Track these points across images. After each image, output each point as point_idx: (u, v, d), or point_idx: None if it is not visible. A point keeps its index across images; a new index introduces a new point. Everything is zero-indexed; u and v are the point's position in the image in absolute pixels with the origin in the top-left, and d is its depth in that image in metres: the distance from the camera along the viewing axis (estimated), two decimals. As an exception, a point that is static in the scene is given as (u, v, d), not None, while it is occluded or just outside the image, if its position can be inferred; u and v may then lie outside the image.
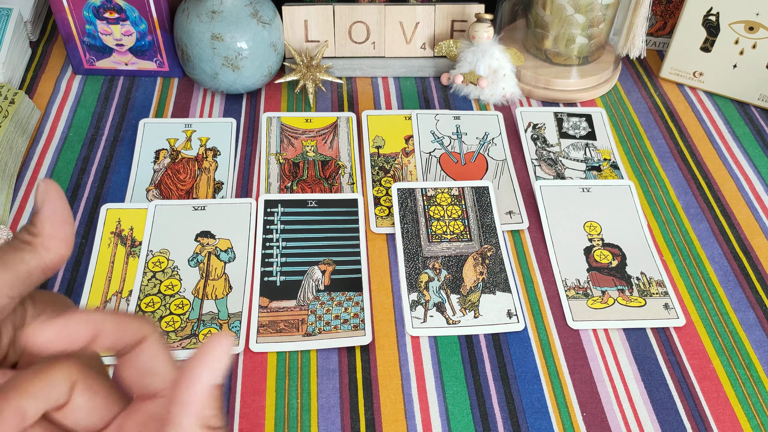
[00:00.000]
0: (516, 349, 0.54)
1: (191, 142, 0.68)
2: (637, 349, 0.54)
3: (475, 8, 0.74)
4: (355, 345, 0.53)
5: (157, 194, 0.63)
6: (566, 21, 0.72)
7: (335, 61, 0.76)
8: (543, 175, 0.67)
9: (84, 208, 0.62)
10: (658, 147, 0.71)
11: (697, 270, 0.60)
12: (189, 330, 0.53)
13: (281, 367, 0.52)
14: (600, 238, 0.61)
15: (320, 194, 0.63)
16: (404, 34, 0.76)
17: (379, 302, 0.56)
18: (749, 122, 0.74)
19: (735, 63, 0.74)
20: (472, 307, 0.56)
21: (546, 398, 0.51)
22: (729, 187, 0.67)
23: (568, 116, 0.73)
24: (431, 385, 0.51)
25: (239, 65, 0.68)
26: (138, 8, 0.70)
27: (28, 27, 0.77)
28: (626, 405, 0.50)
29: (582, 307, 0.56)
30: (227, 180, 0.65)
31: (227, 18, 0.66)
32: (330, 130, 0.70)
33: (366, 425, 0.49)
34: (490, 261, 0.59)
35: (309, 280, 0.57)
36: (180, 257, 0.57)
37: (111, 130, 0.69)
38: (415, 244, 0.59)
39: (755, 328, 0.55)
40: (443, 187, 0.64)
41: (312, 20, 0.74)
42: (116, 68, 0.75)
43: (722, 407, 0.51)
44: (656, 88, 0.78)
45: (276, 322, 0.54)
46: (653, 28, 0.82)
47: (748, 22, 0.71)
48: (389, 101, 0.74)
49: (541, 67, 0.75)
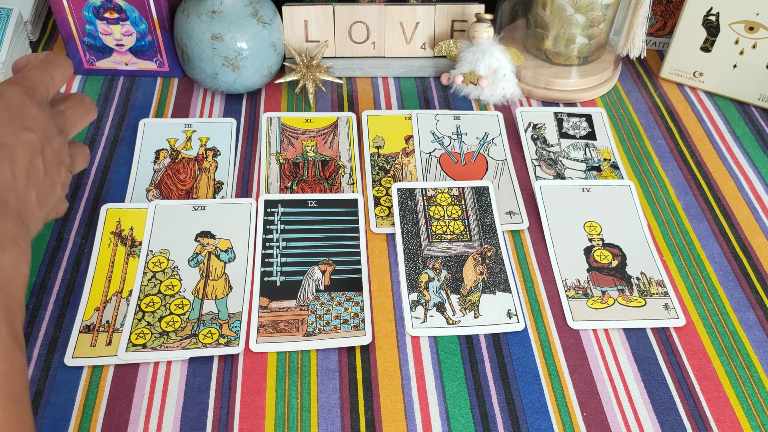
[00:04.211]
0: (516, 349, 0.54)
1: (191, 142, 0.68)
2: (637, 349, 0.54)
3: (475, 8, 0.74)
4: (355, 345, 0.53)
5: (157, 194, 0.63)
6: (566, 21, 0.72)
7: (335, 61, 0.76)
8: (543, 175, 0.67)
9: (84, 208, 0.62)
10: (658, 147, 0.71)
11: (697, 270, 0.60)
12: (189, 330, 0.53)
13: (281, 367, 0.52)
14: (600, 238, 0.61)
15: (320, 194, 0.63)
16: (404, 34, 0.76)
17: (379, 302, 0.56)
18: (749, 122, 0.74)
19: (735, 63, 0.74)
20: (472, 307, 0.56)
21: (546, 398, 0.51)
22: (729, 187, 0.67)
23: (568, 116, 0.73)
24: (431, 385, 0.51)
25: (239, 65, 0.68)
26: (138, 8, 0.70)
27: (28, 27, 0.77)
28: (626, 405, 0.50)
29: (582, 307, 0.56)
30: (227, 180, 0.65)
31: (227, 18, 0.66)
32: (330, 130, 0.70)
33: (366, 425, 0.49)
34: (490, 261, 0.59)
35: (309, 280, 0.57)
36: (180, 257, 0.57)
37: (111, 130, 0.69)
38: (415, 244, 0.59)
39: (755, 328, 0.56)
40: (443, 187, 0.64)
41: (312, 20, 0.74)
42: (116, 68, 0.75)
43: (722, 407, 0.51)
44: (656, 88, 0.78)
45: (276, 322, 0.54)
46: (653, 28, 0.82)
47: (748, 22, 0.71)
48: (389, 101, 0.74)
49: (541, 67, 0.75)
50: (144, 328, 0.53)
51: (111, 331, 0.53)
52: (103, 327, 0.53)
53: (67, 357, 0.51)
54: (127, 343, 0.52)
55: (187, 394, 0.50)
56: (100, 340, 0.52)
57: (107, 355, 0.51)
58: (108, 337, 0.52)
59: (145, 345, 0.52)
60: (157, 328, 0.53)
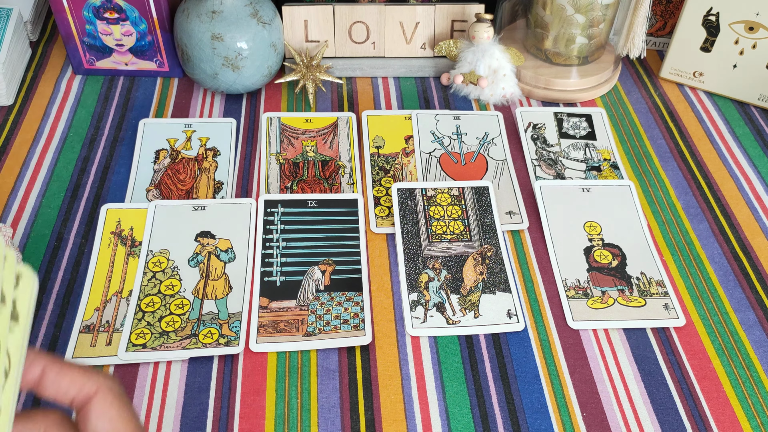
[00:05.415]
0: (516, 349, 0.54)
1: (191, 142, 0.68)
2: (637, 349, 0.54)
3: (475, 8, 0.74)
4: (355, 345, 0.53)
5: (157, 194, 0.63)
6: (566, 21, 0.72)
7: (335, 61, 0.76)
8: (543, 175, 0.67)
9: (84, 208, 0.62)
10: (658, 147, 0.71)
11: (697, 270, 0.60)
12: (189, 330, 0.53)
13: (281, 367, 0.52)
14: (600, 238, 0.61)
15: (320, 194, 0.63)
16: (404, 34, 0.76)
17: (379, 302, 0.56)
18: (749, 122, 0.74)
19: (735, 63, 0.74)
20: (472, 307, 0.56)
21: (546, 398, 0.51)
22: (729, 187, 0.67)
23: (568, 116, 0.73)
24: (431, 385, 0.51)
25: (239, 65, 0.68)
26: (138, 8, 0.70)
27: (28, 27, 0.77)
28: (626, 405, 0.50)
29: (582, 307, 0.56)
30: (227, 180, 0.65)
31: (227, 18, 0.66)
32: (330, 130, 0.70)
33: (366, 425, 0.49)
34: (490, 261, 0.59)
35: (309, 280, 0.57)
36: (180, 257, 0.57)
37: (111, 130, 0.69)
38: (415, 244, 0.59)
39: (755, 328, 0.55)
40: (443, 187, 0.64)
41: (312, 20, 0.74)
42: (116, 68, 0.75)
43: (722, 407, 0.51)
44: (656, 88, 0.78)
45: (276, 322, 0.54)
46: (653, 28, 0.82)
47: (748, 22, 0.71)
48: (389, 101, 0.74)
49: (541, 67, 0.75)
50: (144, 328, 0.53)
51: (111, 331, 0.53)
52: (103, 327, 0.53)
53: (67, 357, 0.51)
54: (127, 343, 0.52)
55: (187, 394, 0.50)
56: (100, 340, 0.52)
57: (107, 355, 0.51)
58: (108, 337, 0.52)
59: (145, 345, 0.52)
60: (157, 328, 0.53)
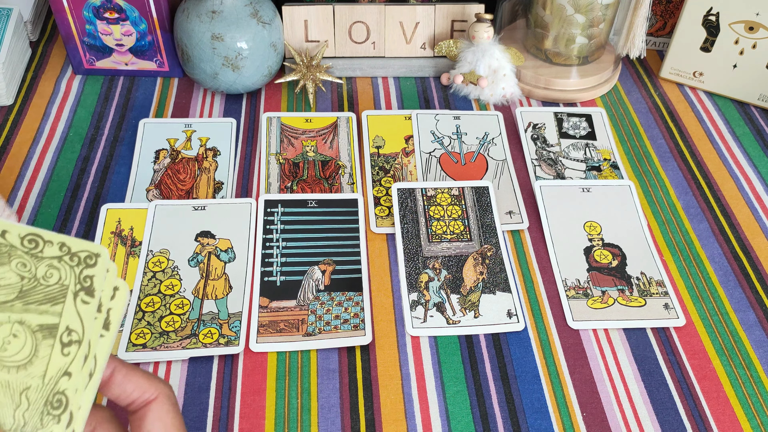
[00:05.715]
0: (516, 349, 0.54)
1: (191, 142, 0.68)
2: (637, 349, 0.54)
3: (475, 8, 0.74)
4: (355, 345, 0.53)
5: (157, 194, 0.63)
6: (566, 21, 0.72)
7: (335, 61, 0.76)
8: (543, 175, 0.67)
9: (84, 208, 0.62)
10: (658, 147, 0.71)
11: (697, 270, 0.60)
12: (189, 330, 0.53)
13: (281, 367, 0.52)
14: (600, 238, 0.61)
15: (320, 194, 0.63)
16: (404, 34, 0.76)
17: (379, 302, 0.56)
18: (749, 122, 0.74)
19: (735, 63, 0.74)
20: (472, 307, 0.56)
21: (546, 398, 0.51)
22: (729, 187, 0.67)
23: (568, 116, 0.73)
24: (431, 385, 0.51)
25: (239, 65, 0.68)
26: (138, 8, 0.70)
27: (28, 27, 0.77)
28: (626, 405, 0.50)
29: (582, 307, 0.56)
30: (227, 180, 0.65)
31: (227, 18, 0.66)
32: (330, 130, 0.70)
33: (366, 425, 0.49)
34: (490, 261, 0.59)
35: (309, 280, 0.57)
36: (180, 257, 0.57)
37: (111, 130, 0.69)
38: (415, 244, 0.59)
39: (755, 328, 0.56)
40: (443, 187, 0.64)
41: (312, 20, 0.74)
42: (116, 68, 0.75)
43: (722, 407, 0.51)
44: (656, 88, 0.78)
45: (276, 322, 0.54)
46: (653, 28, 0.82)
47: (748, 22, 0.71)
48: (389, 101, 0.74)
49: (541, 67, 0.75)
50: (144, 328, 0.53)
51: (111, 331, 0.52)
52: (103, 327, 0.53)
53: (67, 357, 0.51)
54: (127, 343, 0.52)
55: (187, 394, 0.50)
56: (100, 340, 0.52)
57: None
58: (108, 337, 0.52)
59: (145, 345, 0.52)
60: (157, 328, 0.53)
